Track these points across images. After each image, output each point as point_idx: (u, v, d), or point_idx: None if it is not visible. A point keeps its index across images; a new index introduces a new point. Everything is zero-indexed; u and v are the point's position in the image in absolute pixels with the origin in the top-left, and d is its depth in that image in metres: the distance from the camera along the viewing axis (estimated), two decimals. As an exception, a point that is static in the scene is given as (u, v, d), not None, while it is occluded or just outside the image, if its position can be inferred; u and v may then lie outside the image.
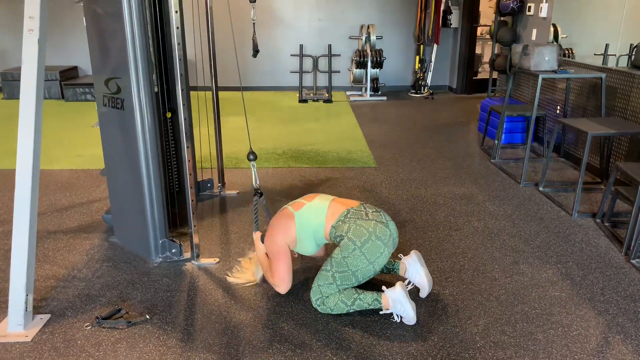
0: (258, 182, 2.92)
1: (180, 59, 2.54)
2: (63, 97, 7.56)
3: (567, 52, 5.13)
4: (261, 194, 2.91)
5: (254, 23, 3.90)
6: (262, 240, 2.58)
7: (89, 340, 2.22)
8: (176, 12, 2.48)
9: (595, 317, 2.40)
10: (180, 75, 2.57)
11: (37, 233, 3.22)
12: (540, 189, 3.97)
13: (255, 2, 3.78)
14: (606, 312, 2.43)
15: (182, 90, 2.60)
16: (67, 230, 3.28)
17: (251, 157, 2.91)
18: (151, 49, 3.12)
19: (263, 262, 2.59)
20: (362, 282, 2.41)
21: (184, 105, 2.61)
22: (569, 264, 2.88)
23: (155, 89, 3.25)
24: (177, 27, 2.50)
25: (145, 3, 2.93)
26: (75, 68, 8.05)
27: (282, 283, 2.46)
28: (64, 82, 7.50)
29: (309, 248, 2.51)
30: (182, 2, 3.35)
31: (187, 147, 2.68)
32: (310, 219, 2.44)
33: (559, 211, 3.59)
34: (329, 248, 2.93)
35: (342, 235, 2.35)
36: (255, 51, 3.83)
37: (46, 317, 2.38)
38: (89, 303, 2.50)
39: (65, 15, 7.85)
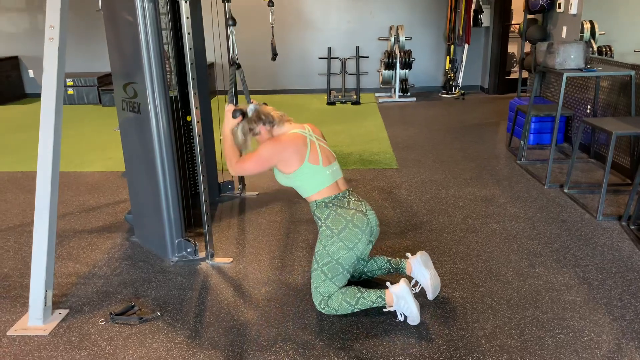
0: (236, 51, 2.68)
1: (192, 64, 2.62)
2: (100, 102, 7.85)
3: (604, 49, 4.96)
4: (239, 66, 2.67)
5: (272, 27, 3.96)
6: (234, 115, 2.46)
7: (102, 335, 2.32)
8: (187, 18, 2.55)
9: (610, 322, 2.32)
10: (193, 79, 2.64)
11: (64, 232, 3.37)
12: (565, 190, 3.86)
13: (273, 5, 3.85)
14: (622, 318, 2.35)
15: (194, 94, 2.67)
16: (91, 230, 3.42)
17: (230, 22, 2.65)
18: (170, 54, 3.23)
19: (226, 138, 2.49)
20: (350, 272, 2.41)
21: (196, 108, 2.68)
22: (587, 268, 2.79)
23: (175, 93, 3.35)
24: (189, 33, 2.58)
25: (167, 8, 3.03)
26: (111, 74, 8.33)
27: (239, 171, 2.46)
28: (101, 88, 7.79)
29: (283, 180, 2.47)
30: (200, 7, 3.45)
31: (200, 150, 2.75)
32: (310, 178, 2.40)
33: (583, 213, 3.48)
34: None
35: (320, 220, 2.40)
36: (274, 55, 3.89)
37: (64, 312, 2.49)
38: (106, 299, 2.60)
39: (102, 23, 8.14)
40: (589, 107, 4.64)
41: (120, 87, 2.86)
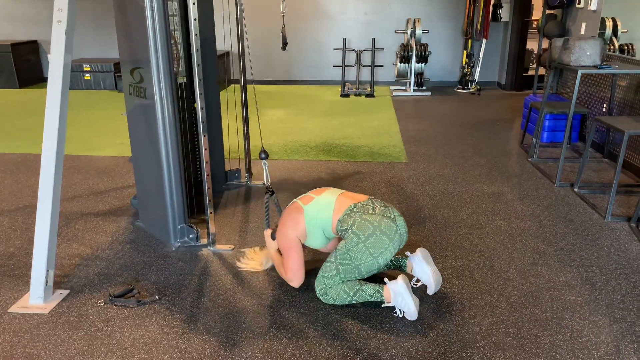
0: (269, 180, 2.93)
1: (197, 50, 2.62)
2: (117, 88, 7.92)
3: (626, 47, 4.85)
4: (272, 192, 2.92)
5: (283, 16, 3.95)
6: (273, 237, 2.63)
7: (100, 316, 2.35)
8: (194, 4, 2.55)
9: (610, 324, 2.28)
10: (198, 65, 2.64)
11: (71, 214, 3.41)
12: (576, 189, 3.79)
13: (284, -6, 3.82)
14: (623, 319, 2.31)
15: (199, 80, 2.67)
16: (98, 213, 3.46)
17: (262, 155, 2.93)
18: (180, 41, 3.23)
19: (275, 259, 2.62)
20: (365, 277, 2.40)
21: (200, 94, 2.69)
22: (592, 268, 2.74)
23: (184, 80, 3.36)
24: (195, 19, 2.58)
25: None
26: (129, 60, 8.40)
27: (295, 277, 2.48)
28: (117, 74, 7.86)
29: (318, 241, 2.52)
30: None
31: (204, 136, 2.76)
32: (319, 213, 2.45)
33: (591, 213, 3.42)
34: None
35: (347, 229, 2.35)
36: (284, 44, 3.87)
37: (65, 292, 2.53)
38: (106, 281, 2.63)
39: (121, 9, 8.20)
40: (605, 105, 4.55)
41: (128, 72, 2.88)
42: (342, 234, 2.39)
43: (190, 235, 2.99)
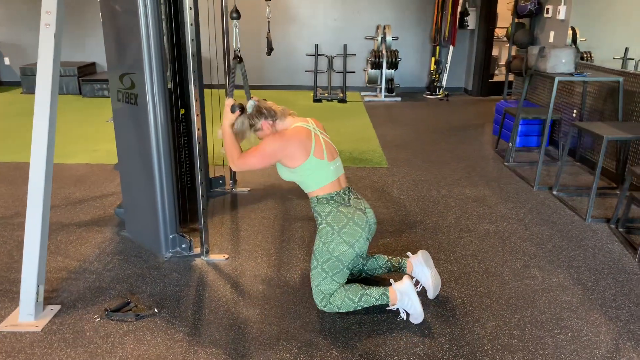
0: (239, 44, 2.64)
1: (193, 55, 2.56)
2: (81, 93, 7.66)
3: (585, 55, 5.06)
4: (241, 59, 2.66)
5: (268, 21, 3.92)
6: (233, 110, 2.43)
7: (98, 332, 2.25)
8: (190, 8, 2.50)
9: (606, 323, 2.36)
10: (194, 72, 2.58)
11: (50, 225, 3.26)
12: (554, 192, 3.92)
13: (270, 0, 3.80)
14: (617, 318, 2.40)
15: (195, 87, 2.61)
16: (80, 223, 3.32)
17: (234, 15, 2.61)
18: (166, 46, 3.15)
19: (226, 133, 2.45)
20: (350, 269, 2.40)
21: (196, 101, 2.63)
22: (580, 269, 2.84)
23: (170, 86, 3.27)
24: (191, 24, 2.52)
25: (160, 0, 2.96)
26: (93, 64, 8.15)
27: (241, 166, 2.38)
28: (82, 78, 7.60)
29: (286, 175, 2.44)
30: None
31: (199, 143, 2.70)
32: (314, 173, 2.38)
33: (572, 215, 3.54)
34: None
35: (320, 216, 2.38)
36: (270, 49, 3.84)
37: (56, 308, 2.41)
38: (99, 295, 2.53)
39: (84, 11, 7.95)
40: (575, 111, 4.73)
41: (116, 78, 2.78)
42: (315, 216, 2.44)
43: (183, 245, 2.91)
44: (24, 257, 2.32)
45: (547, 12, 5.41)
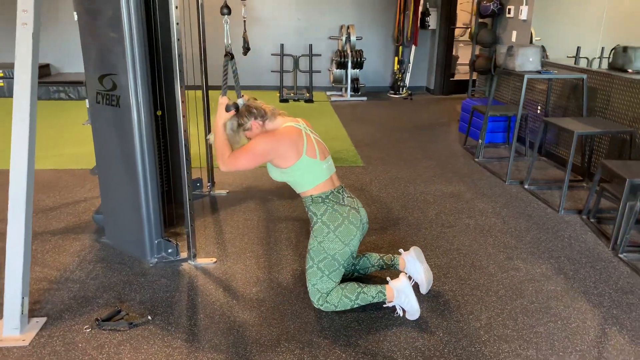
0: (230, 41, 2.57)
1: (180, 55, 2.50)
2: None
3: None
4: (232, 56, 2.62)
5: (244, 21, 3.88)
6: (228, 109, 2.40)
7: (90, 343, 2.16)
8: (176, 7, 2.44)
9: (591, 309, 2.47)
10: (180, 71, 2.52)
11: (24, 234, 3.11)
12: (526, 186, 4.06)
13: (246, -1, 3.76)
14: (600, 304, 2.51)
15: (181, 87, 2.55)
16: (54, 232, 3.18)
17: (225, 10, 2.56)
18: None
19: (219, 132, 2.40)
20: (345, 267, 2.41)
21: (182, 102, 2.57)
22: (560, 259, 2.95)
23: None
24: (177, 23, 2.46)
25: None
26: (47, 66, 7.83)
27: (230, 166, 2.33)
28: (40, 81, 7.25)
29: (277, 175, 2.42)
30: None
31: (186, 146, 2.64)
32: (306, 172, 2.36)
33: (545, 208, 3.68)
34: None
35: (315, 215, 2.37)
36: (246, 49, 3.80)
37: (42, 320, 2.31)
38: (86, 305, 2.43)
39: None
40: (539, 107, 4.91)
41: (95, 79, 2.68)
42: (310, 215, 2.43)
43: (169, 250, 2.84)
44: (7, 268, 2.20)
45: (509, 13, 5.60)
